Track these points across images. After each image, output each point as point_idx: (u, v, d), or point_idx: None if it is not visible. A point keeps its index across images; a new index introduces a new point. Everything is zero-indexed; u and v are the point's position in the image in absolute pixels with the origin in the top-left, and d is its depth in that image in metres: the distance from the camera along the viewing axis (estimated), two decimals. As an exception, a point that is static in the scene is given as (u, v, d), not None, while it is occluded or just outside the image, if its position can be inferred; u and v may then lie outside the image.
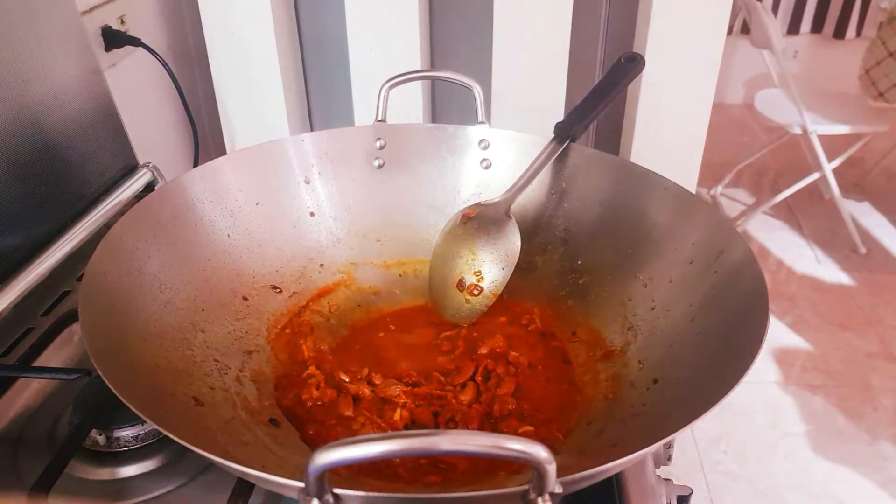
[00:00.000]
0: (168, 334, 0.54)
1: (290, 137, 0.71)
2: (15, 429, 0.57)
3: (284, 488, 0.37)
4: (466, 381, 0.57)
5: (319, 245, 0.70)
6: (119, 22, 0.97)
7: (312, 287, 0.67)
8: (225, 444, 0.47)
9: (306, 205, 0.70)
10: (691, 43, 1.01)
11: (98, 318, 0.48)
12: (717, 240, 0.58)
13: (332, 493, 0.34)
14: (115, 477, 0.53)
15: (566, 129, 0.68)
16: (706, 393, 0.44)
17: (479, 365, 0.58)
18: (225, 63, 1.10)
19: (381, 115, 0.71)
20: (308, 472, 0.31)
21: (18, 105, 0.68)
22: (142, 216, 0.59)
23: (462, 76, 0.72)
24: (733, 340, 0.49)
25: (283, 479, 0.36)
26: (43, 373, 0.60)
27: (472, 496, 0.37)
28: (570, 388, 0.58)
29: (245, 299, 0.63)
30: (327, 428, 0.54)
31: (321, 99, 1.20)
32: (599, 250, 0.67)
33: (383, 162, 0.72)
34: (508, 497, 0.35)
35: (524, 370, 0.59)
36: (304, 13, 1.12)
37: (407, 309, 0.68)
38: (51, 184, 0.71)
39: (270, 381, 0.57)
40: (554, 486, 0.32)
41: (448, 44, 1.11)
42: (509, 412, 0.54)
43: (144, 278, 0.56)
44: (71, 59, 0.77)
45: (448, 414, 0.54)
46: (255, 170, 0.68)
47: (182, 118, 1.08)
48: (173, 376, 0.51)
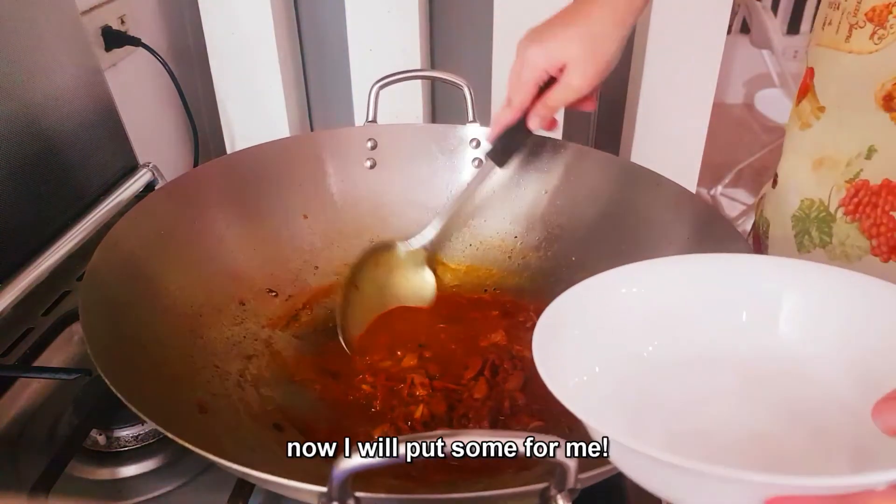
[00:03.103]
0: (168, 340, 0.54)
1: (283, 139, 0.71)
2: (15, 429, 0.57)
3: (305, 493, 0.37)
4: (477, 376, 0.57)
5: (313, 247, 0.69)
6: (119, 22, 0.97)
7: (308, 289, 0.67)
8: (233, 451, 0.47)
9: (299, 207, 0.70)
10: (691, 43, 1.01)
11: (99, 324, 0.48)
12: (717, 239, 0.58)
13: (354, 497, 0.34)
14: (116, 477, 0.53)
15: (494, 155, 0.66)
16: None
17: (487, 359, 0.58)
18: (225, 63, 1.10)
19: (372, 115, 0.71)
20: (332, 477, 0.31)
21: (18, 105, 0.68)
22: (142, 217, 0.59)
23: (452, 75, 0.72)
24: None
25: (306, 484, 0.36)
26: (43, 373, 0.60)
27: (493, 495, 0.37)
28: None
29: (242, 304, 0.63)
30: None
31: (321, 99, 1.20)
32: (594, 247, 0.67)
33: (375, 162, 0.72)
34: (528, 494, 0.35)
35: (529, 364, 0.59)
36: (304, 13, 1.12)
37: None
38: (51, 184, 0.71)
39: (271, 385, 0.57)
40: (575, 482, 0.32)
41: (448, 44, 1.11)
42: (519, 408, 0.54)
43: (143, 283, 0.56)
44: (71, 58, 0.77)
45: (461, 410, 0.54)
46: (251, 172, 0.68)
47: (182, 118, 1.08)
48: (175, 384, 0.51)
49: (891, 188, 0.50)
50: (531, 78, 0.58)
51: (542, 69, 0.58)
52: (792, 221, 0.60)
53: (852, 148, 0.53)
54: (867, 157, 0.52)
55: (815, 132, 0.57)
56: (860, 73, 0.51)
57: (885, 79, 0.49)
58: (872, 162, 0.51)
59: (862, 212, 0.53)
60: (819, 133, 0.56)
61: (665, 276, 0.40)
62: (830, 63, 0.54)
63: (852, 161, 0.53)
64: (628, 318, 0.39)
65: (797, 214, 0.59)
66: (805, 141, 0.58)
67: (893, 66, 0.49)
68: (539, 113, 0.60)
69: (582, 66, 0.56)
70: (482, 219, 0.73)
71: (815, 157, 0.56)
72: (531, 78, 0.58)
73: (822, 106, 0.55)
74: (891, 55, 0.49)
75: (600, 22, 0.56)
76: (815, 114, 0.56)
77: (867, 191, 0.52)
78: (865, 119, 0.51)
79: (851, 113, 0.53)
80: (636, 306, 0.39)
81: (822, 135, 0.56)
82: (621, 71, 1.10)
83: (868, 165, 0.52)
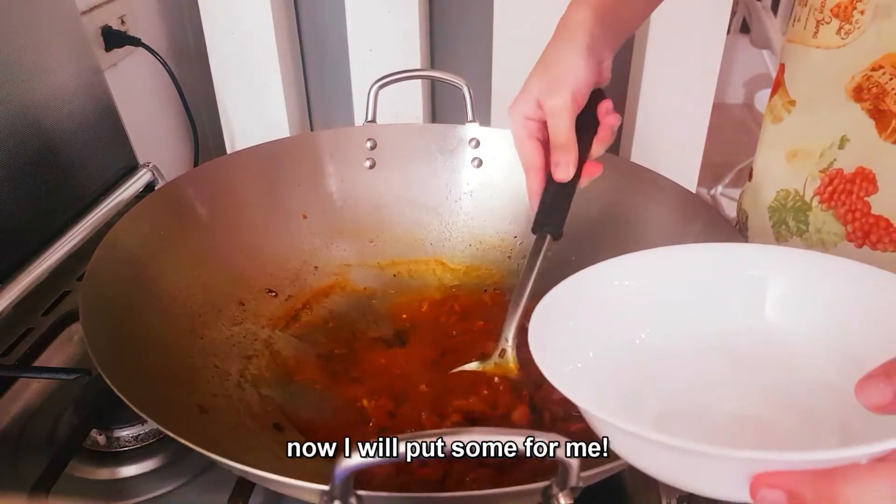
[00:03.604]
0: (167, 340, 0.54)
1: (283, 139, 0.71)
2: (15, 429, 0.57)
3: (307, 492, 0.37)
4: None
5: (313, 247, 0.69)
6: (119, 22, 0.97)
7: (307, 289, 0.67)
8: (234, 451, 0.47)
9: (298, 206, 0.70)
10: (691, 43, 1.01)
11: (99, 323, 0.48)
12: (717, 239, 0.58)
13: (356, 495, 0.34)
14: (116, 477, 0.53)
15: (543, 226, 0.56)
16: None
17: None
18: (225, 63, 1.10)
19: (371, 115, 0.71)
20: (334, 475, 0.31)
21: (18, 105, 0.68)
22: (142, 217, 0.59)
23: (451, 75, 0.72)
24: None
25: (307, 483, 0.36)
26: (43, 373, 0.60)
27: (495, 493, 0.37)
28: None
29: (241, 304, 0.62)
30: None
31: (321, 99, 1.20)
32: (594, 247, 0.66)
33: (374, 162, 0.72)
34: (531, 493, 0.35)
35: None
36: (304, 13, 1.12)
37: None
38: (51, 183, 0.71)
39: (271, 385, 0.57)
40: (577, 480, 0.32)
41: (448, 44, 1.11)
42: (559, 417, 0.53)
43: (143, 283, 0.56)
44: (71, 58, 0.77)
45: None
46: (250, 171, 0.68)
47: (182, 118, 1.08)
48: (176, 384, 0.51)
49: (865, 174, 0.52)
50: (522, 131, 0.54)
51: (523, 117, 0.54)
52: (769, 212, 0.61)
53: (825, 139, 0.54)
54: (840, 146, 0.53)
55: (786, 125, 0.58)
56: (830, 68, 0.52)
57: (855, 72, 0.50)
58: (846, 151, 0.53)
59: (837, 199, 0.54)
60: (791, 126, 0.58)
61: (656, 265, 0.41)
62: (800, 58, 0.56)
63: (825, 151, 0.54)
64: (621, 307, 0.40)
65: (773, 205, 0.60)
66: (778, 134, 0.59)
67: (861, 60, 0.50)
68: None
69: (547, 92, 0.52)
70: (482, 219, 0.73)
71: (789, 149, 0.58)
72: (522, 131, 0.54)
73: (793, 100, 0.57)
74: (858, 49, 0.50)
75: (565, 59, 0.52)
76: (787, 108, 0.58)
77: (842, 179, 0.53)
78: (837, 111, 0.52)
79: (823, 105, 0.54)
80: (628, 296, 0.40)
81: (793, 128, 0.57)
82: (621, 71, 1.10)
83: (841, 155, 0.53)
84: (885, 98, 0.49)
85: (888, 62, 0.48)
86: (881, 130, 0.50)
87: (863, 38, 0.50)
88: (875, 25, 0.49)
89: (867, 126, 0.50)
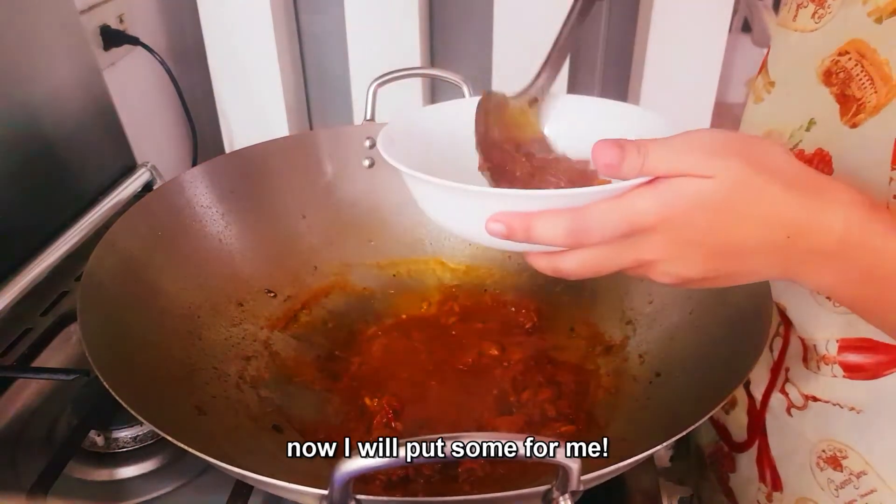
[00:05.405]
0: (166, 341, 0.54)
1: (282, 138, 0.71)
2: (14, 429, 0.57)
3: (305, 496, 0.37)
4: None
5: (312, 247, 0.69)
6: (118, 21, 0.97)
7: (307, 290, 0.67)
8: (232, 453, 0.47)
9: (297, 206, 0.69)
10: (692, 42, 1.01)
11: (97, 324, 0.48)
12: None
13: (355, 499, 0.34)
14: (114, 478, 0.53)
15: None
16: (712, 386, 0.44)
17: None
18: (224, 62, 1.10)
19: (370, 114, 0.71)
20: (333, 480, 0.31)
21: (16, 104, 0.68)
22: (140, 217, 0.59)
23: (450, 73, 0.71)
24: (736, 333, 0.49)
25: (306, 487, 0.36)
26: (41, 373, 0.60)
27: (495, 497, 0.37)
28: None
29: (240, 304, 0.62)
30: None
31: (321, 98, 1.20)
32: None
33: (373, 161, 0.72)
34: (531, 497, 0.35)
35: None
36: (304, 13, 1.12)
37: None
38: (49, 183, 0.71)
39: (270, 386, 0.57)
40: (578, 484, 0.32)
41: (448, 43, 1.11)
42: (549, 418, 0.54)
43: (142, 284, 0.56)
44: (69, 58, 0.76)
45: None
46: (249, 171, 0.68)
47: (181, 117, 1.08)
48: (174, 385, 0.51)
49: (822, 156, 0.52)
50: None
51: None
52: None
53: (795, 121, 0.55)
54: (807, 129, 0.54)
55: (765, 105, 0.59)
56: (804, 50, 0.53)
57: (825, 55, 0.51)
58: (811, 133, 0.53)
59: None
60: (768, 106, 0.59)
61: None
62: (782, 41, 0.57)
63: (794, 133, 0.55)
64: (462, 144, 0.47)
65: None
66: (756, 114, 0.60)
67: (832, 43, 0.51)
68: None
69: None
70: (482, 218, 0.72)
71: (764, 129, 0.58)
72: None
73: (773, 81, 0.58)
74: (829, 32, 0.51)
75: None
76: (767, 88, 0.59)
77: (801, 159, 0.53)
78: (808, 93, 0.53)
79: (796, 88, 0.55)
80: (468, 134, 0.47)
81: (770, 108, 0.59)
82: (622, 70, 1.10)
83: (807, 137, 0.54)
84: (850, 83, 0.50)
85: (853, 48, 0.49)
86: (843, 115, 0.50)
87: (832, 22, 0.51)
88: (843, 10, 0.50)
89: (832, 110, 0.51)
